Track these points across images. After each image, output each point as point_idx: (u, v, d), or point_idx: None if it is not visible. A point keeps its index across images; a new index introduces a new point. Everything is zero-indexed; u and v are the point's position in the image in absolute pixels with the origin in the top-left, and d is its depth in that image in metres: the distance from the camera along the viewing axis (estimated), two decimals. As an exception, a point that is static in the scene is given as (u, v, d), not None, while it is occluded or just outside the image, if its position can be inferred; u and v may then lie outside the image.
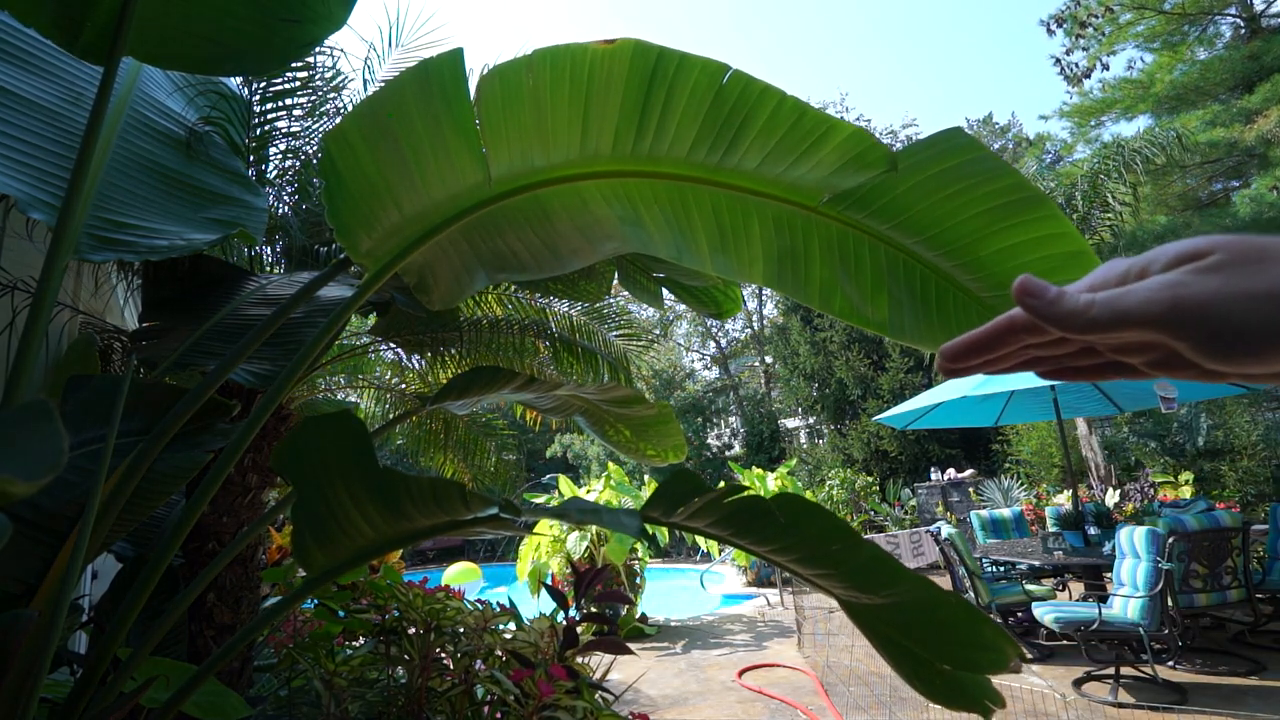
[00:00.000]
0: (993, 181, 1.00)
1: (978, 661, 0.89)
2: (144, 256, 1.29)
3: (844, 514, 11.10)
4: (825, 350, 15.78)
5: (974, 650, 0.89)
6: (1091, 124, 12.48)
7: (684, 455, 2.44)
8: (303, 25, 1.18)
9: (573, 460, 19.11)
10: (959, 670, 0.91)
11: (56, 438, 0.56)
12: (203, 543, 2.31)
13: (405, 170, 1.14)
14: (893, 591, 0.90)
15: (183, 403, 1.17)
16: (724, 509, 0.90)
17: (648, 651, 6.02)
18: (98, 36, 1.12)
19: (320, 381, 3.73)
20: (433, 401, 2.00)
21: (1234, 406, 9.27)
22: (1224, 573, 4.34)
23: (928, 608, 0.90)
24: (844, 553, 0.90)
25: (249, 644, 1.61)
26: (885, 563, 0.89)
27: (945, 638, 0.91)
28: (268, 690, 2.23)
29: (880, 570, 0.89)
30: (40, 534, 1.13)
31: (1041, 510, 8.06)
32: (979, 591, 5.03)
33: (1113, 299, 0.33)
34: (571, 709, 1.74)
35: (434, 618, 2.02)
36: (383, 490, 0.88)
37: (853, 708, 4.12)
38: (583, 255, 1.33)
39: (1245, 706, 3.75)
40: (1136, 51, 12.34)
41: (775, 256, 1.19)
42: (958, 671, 0.91)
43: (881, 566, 0.89)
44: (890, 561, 0.89)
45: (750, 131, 1.01)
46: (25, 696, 0.95)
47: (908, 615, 0.92)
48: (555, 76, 1.02)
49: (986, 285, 1.09)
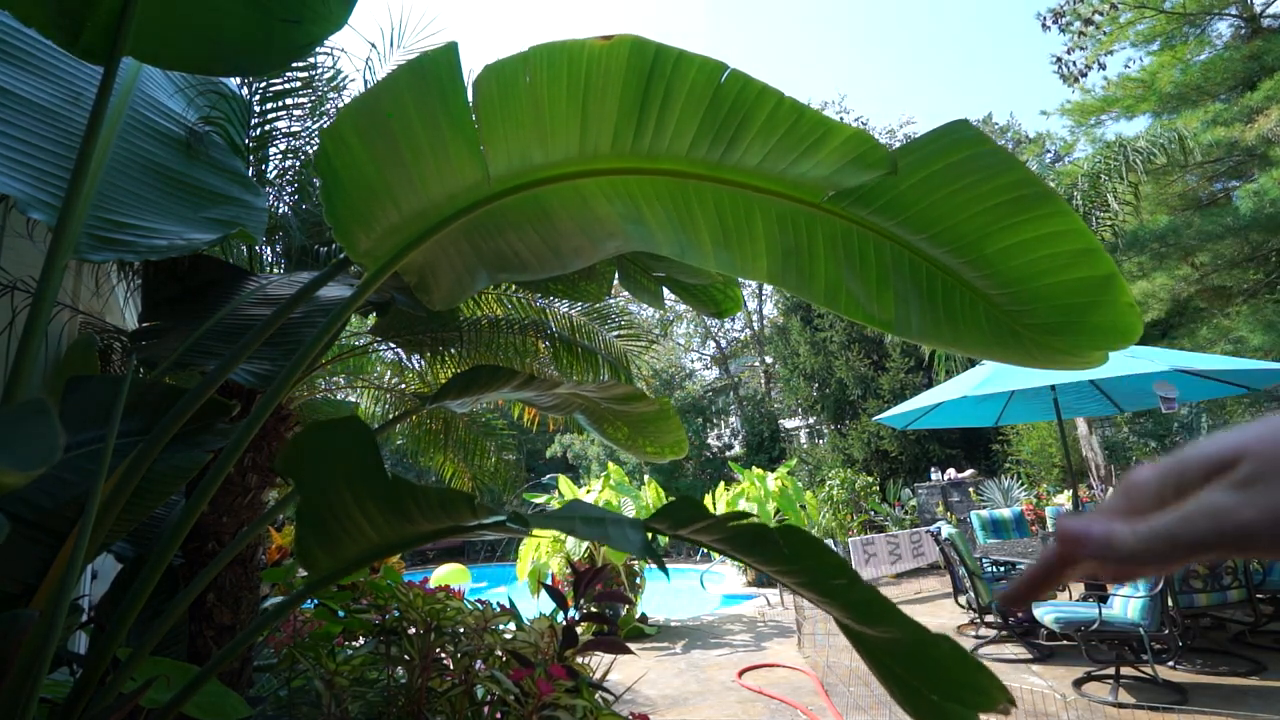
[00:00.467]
0: (1000, 176, 0.98)
1: (966, 700, 0.89)
2: (144, 256, 1.29)
3: (844, 514, 11.10)
4: (825, 350, 15.77)
5: (964, 690, 0.89)
6: (1091, 122, 12.48)
7: (685, 451, 2.43)
8: (303, 26, 1.18)
9: (573, 460, 19.11)
10: (946, 702, 0.91)
11: (51, 432, 0.56)
12: (202, 543, 2.31)
13: (402, 168, 1.13)
14: (888, 629, 0.90)
15: (183, 403, 1.17)
16: (726, 532, 0.90)
17: (648, 651, 6.01)
18: (98, 36, 1.12)
19: (320, 381, 3.73)
20: (433, 400, 2.00)
21: (1234, 406, 9.27)
22: (1224, 573, 4.34)
23: (923, 645, 0.90)
24: (844, 589, 0.89)
25: (249, 644, 1.61)
26: (884, 604, 0.88)
27: (938, 673, 0.90)
28: (268, 690, 2.23)
29: (879, 609, 0.89)
30: (40, 534, 1.13)
31: (1042, 510, 8.07)
32: (979, 591, 5.03)
33: (1161, 537, 0.33)
34: (571, 708, 1.74)
35: (434, 618, 2.02)
36: (390, 498, 0.88)
37: (853, 708, 4.11)
38: (585, 254, 1.32)
39: (1246, 707, 3.75)
40: (1135, 51, 12.34)
41: (779, 253, 1.18)
42: (945, 703, 0.91)
43: (879, 607, 0.89)
44: (888, 604, 0.88)
45: (750, 130, 1.00)
46: (25, 696, 0.95)
47: (904, 648, 0.92)
48: (552, 73, 1.00)
49: (994, 282, 1.07)
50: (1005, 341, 1.13)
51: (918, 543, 8.34)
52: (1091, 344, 1.07)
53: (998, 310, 1.11)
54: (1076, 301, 1.04)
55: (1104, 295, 1.02)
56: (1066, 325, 1.07)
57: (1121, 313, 1.02)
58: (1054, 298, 1.04)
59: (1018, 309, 1.09)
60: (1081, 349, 1.08)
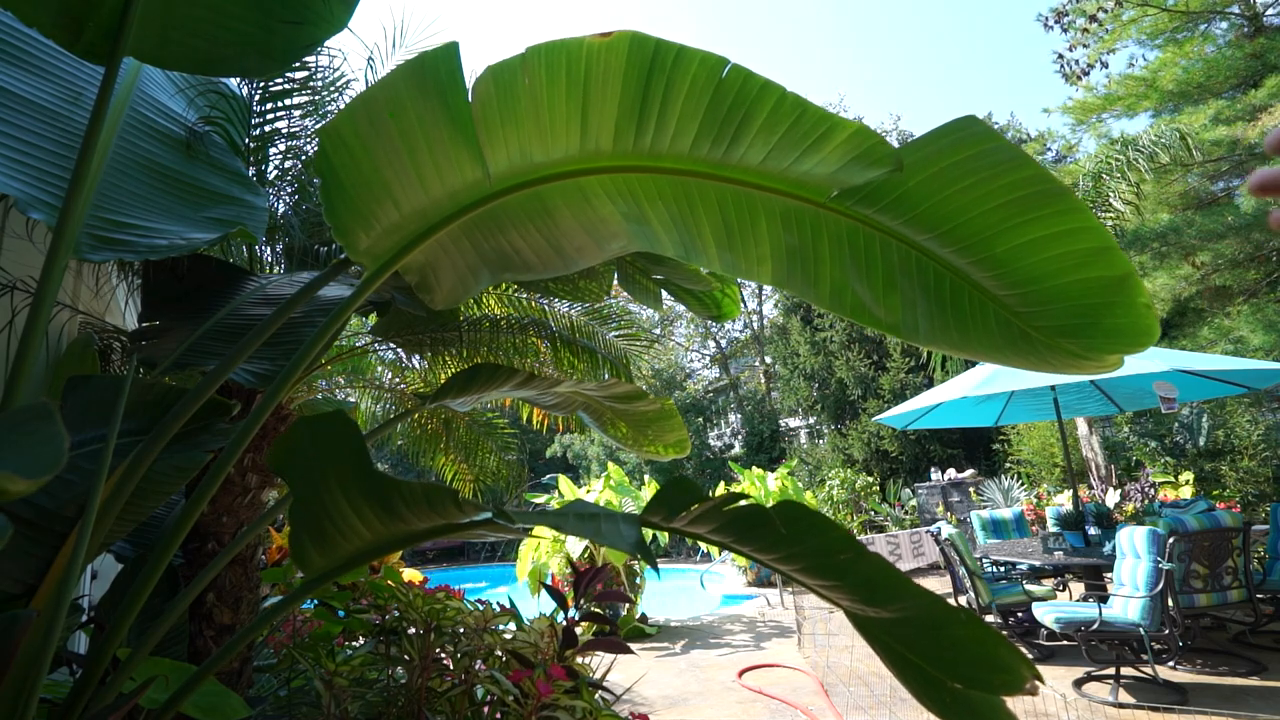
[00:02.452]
0: (1010, 173, 0.95)
1: (990, 682, 0.85)
2: (144, 256, 1.29)
3: (844, 514, 11.10)
4: (825, 350, 15.77)
5: (987, 670, 0.84)
6: (1093, 120, 12.46)
7: (687, 450, 2.43)
8: (303, 27, 1.18)
9: (573, 460, 19.11)
10: (970, 689, 0.87)
11: (57, 437, 0.56)
12: (202, 543, 2.31)
13: (402, 167, 1.13)
14: (901, 605, 0.87)
15: (183, 403, 1.17)
16: (723, 517, 0.88)
17: (648, 651, 6.01)
18: (99, 37, 1.12)
19: (320, 381, 3.73)
20: (433, 399, 2.00)
21: (1235, 406, 9.26)
22: (1224, 573, 4.34)
23: (939, 625, 0.86)
24: (850, 563, 0.86)
25: (249, 644, 1.61)
26: (893, 576, 0.85)
27: (956, 656, 0.86)
28: (267, 690, 2.23)
29: (887, 583, 0.86)
30: (40, 534, 1.13)
31: (1042, 510, 8.06)
32: (979, 592, 5.03)
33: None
34: (571, 709, 1.74)
35: (434, 618, 2.03)
36: (377, 494, 0.88)
37: (853, 708, 4.11)
38: (588, 254, 1.32)
39: (1246, 707, 3.75)
40: (1139, 49, 12.34)
41: (784, 254, 1.16)
42: (969, 690, 0.87)
43: (889, 580, 0.85)
44: (898, 575, 0.85)
45: (752, 126, 0.98)
46: (25, 696, 0.95)
47: (917, 630, 0.88)
48: (551, 71, 1.00)
49: (1005, 283, 1.04)
50: (1017, 345, 1.09)
51: (918, 543, 8.34)
52: (1107, 347, 1.03)
53: (1009, 312, 1.07)
54: (1091, 302, 0.99)
55: (1120, 295, 0.97)
56: (1081, 327, 1.02)
57: (1139, 314, 0.98)
58: (1068, 298, 1.00)
59: (1030, 310, 1.05)
60: (1097, 352, 1.04)
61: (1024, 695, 0.83)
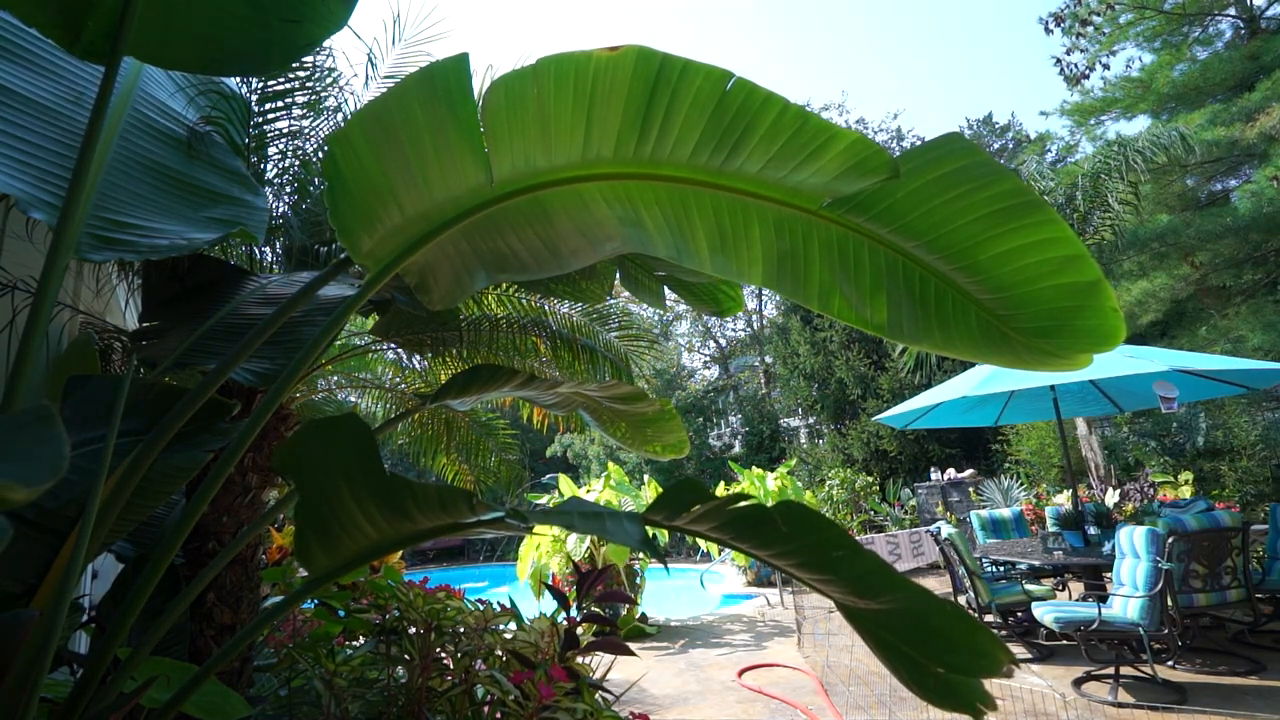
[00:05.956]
0: (991, 186, 1.02)
1: (970, 667, 0.91)
2: (144, 256, 1.29)
3: (844, 514, 11.10)
4: (825, 350, 15.77)
5: (967, 656, 0.90)
6: (1091, 122, 12.48)
7: (686, 451, 2.43)
8: (303, 26, 1.18)
9: (573, 460, 19.10)
10: (951, 674, 0.92)
11: (58, 443, 0.56)
12: (203, 543, 2.31)
13: (408, 172, 1.15)
14: (891, 598, 0.91)
15: (183, 403, 1.17)
16: (726, 515, 0.91)
17: (648, 651, 6.02)
18: (99, 36, 1.12)
19: (320, 381, 3.73)
20: (433, 399, 2.00)
21: (1233, 406, 9.27)
22: (1224, 572, 4.34)
23: (924, 614, 0.91)
24: (845, 559, 0.91)
25: (249, 644, 1.61)
26: (884, 571, 0.90)
27: (940, 643, 0.92)
28: (268, 690, 2.23)
29: (879, 578, 0.90)
30: (40, 534, 1.13)
31: (1041, 510, 8.05)
32: (979, 591, 5.03)
33: None
34: (572, 710, 1.74)
35: (434, 618, 2.02)
36: (388, 495, 0.88)
37: (853, 707, 4.12)
38: (583, 255, 1.34)
39: (1245, 706, 3.75)
40: (1136, 51, 12.35)
41: (775, 258, 1.20)
42: (950, 675, 0.93)
43: (881, 575, 0.90)
44: (889, 570, 0.90)
45: (752, 138, 1.02)
46: (25, 696, 0.95)
47: (904, 620, 0.94)
48: (559, 83, 1.03)
49: (985, 288, 1.11)
50: (995, 344, 1.17)
51: (917, 542, 8.33)
52: (1077, 346, 1.12)
53: (988, 314, 1.15)
54: (1064, 306, 1.08)
55: (1090, 300, 1.06)
56: (1054, 329, 1.11)
57: (1106, 316, 1.07)
58: (1042, 302, 1.09)
59: (1008, 313, 1.13)
60: (1068, 351, 1.13)
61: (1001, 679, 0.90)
